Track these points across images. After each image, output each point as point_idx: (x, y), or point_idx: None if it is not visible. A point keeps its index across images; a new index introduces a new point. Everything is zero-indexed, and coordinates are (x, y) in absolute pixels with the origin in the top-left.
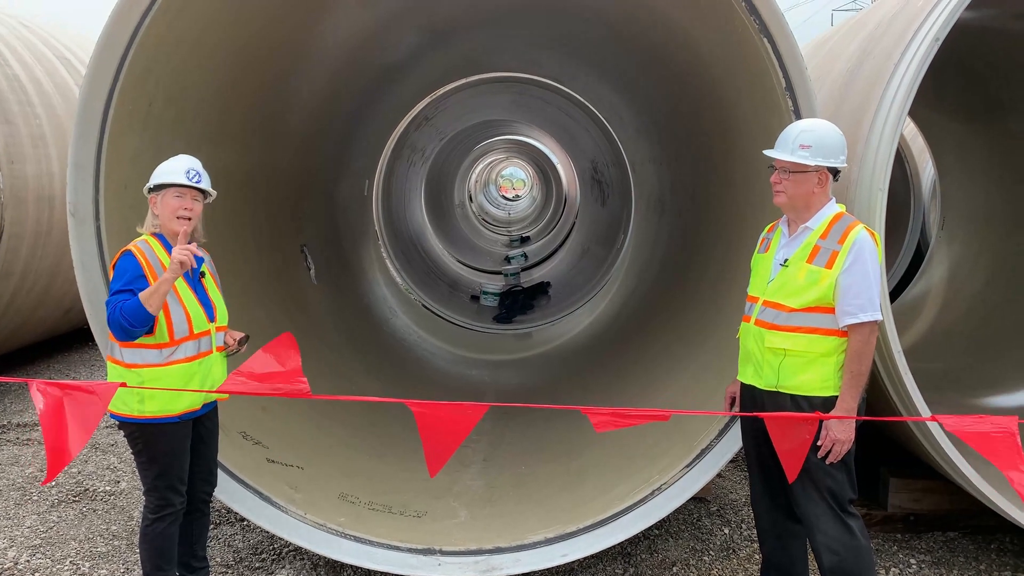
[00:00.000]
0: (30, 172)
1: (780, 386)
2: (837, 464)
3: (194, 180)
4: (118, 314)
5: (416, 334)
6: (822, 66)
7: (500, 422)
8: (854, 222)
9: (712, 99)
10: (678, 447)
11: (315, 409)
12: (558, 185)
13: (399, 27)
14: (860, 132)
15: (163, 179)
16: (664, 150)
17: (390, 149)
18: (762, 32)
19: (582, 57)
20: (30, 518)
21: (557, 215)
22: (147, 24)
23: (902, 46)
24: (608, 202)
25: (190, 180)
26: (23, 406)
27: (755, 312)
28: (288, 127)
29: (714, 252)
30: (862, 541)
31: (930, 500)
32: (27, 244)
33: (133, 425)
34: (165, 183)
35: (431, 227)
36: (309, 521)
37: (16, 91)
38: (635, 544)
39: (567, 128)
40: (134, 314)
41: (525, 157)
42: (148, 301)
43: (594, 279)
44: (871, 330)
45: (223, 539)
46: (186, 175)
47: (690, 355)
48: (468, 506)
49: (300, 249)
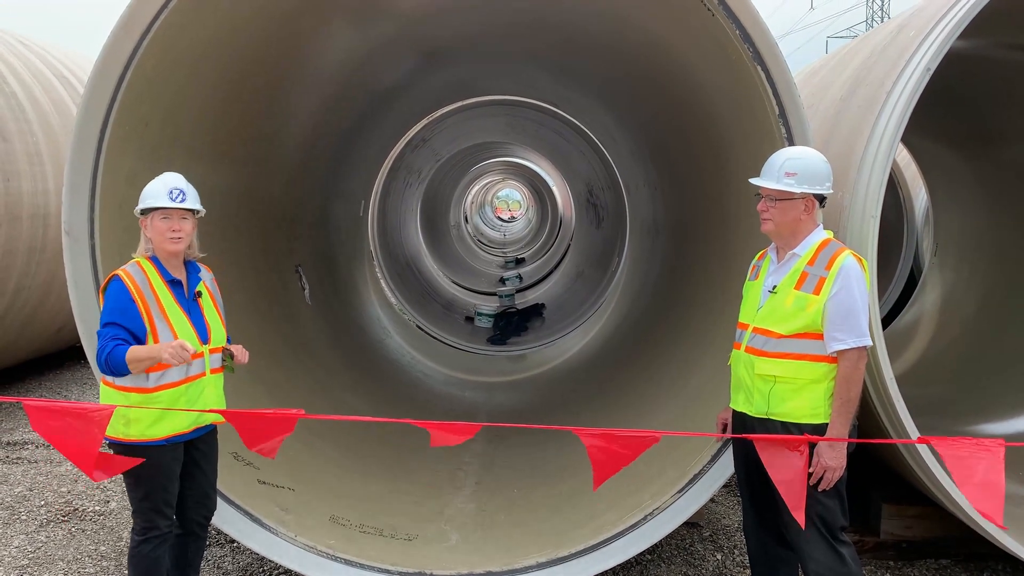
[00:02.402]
0: (25, 189)
1: (770, 413)
2: (829, 491)
3: (178, 200)
4: (104, 357)
5: (410, 355)
6: (815, 94)
7: (492, 444)
8: (841, 248)
9: (705, 124)
10: (670, 472)
11: (307, 430)
12: (553, 207)
13: (394, 51)
14: (852, 160)
15: (148, 203)
16: (658, 174)
17: (386, 170)
18: (755, 60)
19: (576, 80)
20: (18, 538)
21: (552, 237)
22: (144, 46)
23: (894, 75)
24: (603, 225)
25: (174, 201)
26: (14, 424)
27: (745, 339)
28: (283, 148)
29: (706, 277)
30: (854, 569)
31: (923, 527)
32: (21, 261)
33: (120, 446)
34: (150, 207)
35: (426, 248)
36: (299, 543)
37: (13, 108)
38: (627, 569)
39: (562, 150)
40: (117, 366)
41: (521, 179)
42: (131, 362)
43: (588, 301)
44: (859, 356)
45: (213, 561)
46: (169, 196)
47: (683, 380)
48: (459, 529)
49: (295, 269)
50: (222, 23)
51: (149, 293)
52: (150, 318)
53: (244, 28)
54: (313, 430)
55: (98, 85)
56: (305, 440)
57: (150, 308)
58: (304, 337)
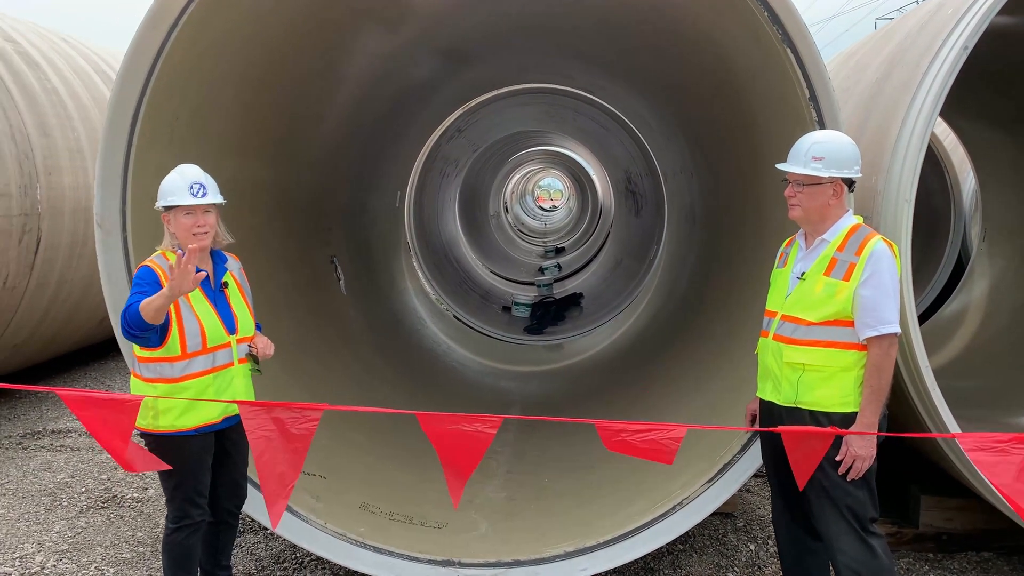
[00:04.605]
0: (67, 184)
1: (799, 402)
2: (858, 482)
3: (199, 195)
4: (124, 316)
5: (445, 344)
6: (851, 76)
7: (524, 434)
8: (871, 233)
9: (738, 109)
10: (700, 462)
11: (340, 419)
12: (593, 195)
13: (425, 43)
14: (887, 143)
15: (169, 200)
16: (694, 160)
17: (422, 161)
18: (785, 42)
19: (610, 67)
20: (59, 523)
21: (592, 226)
22: (172, 40)
23: (930, 55)
24: (642, 213)
25: (195, 197)
26: (59, 413)
27: (773, 327)
28: (315, 141)
29: (742, 266)
30: (884, 561)
31: (963, 519)
32: (63, 255)
33: (150, 437)
34: (172, 204)
35: (464, 238)
36: (329, 531)
37: (54, 104)
38: (658, 559)
39: (599, 138)
40: (134, 318)
41: (561, 167)
42: (144, 309)
43: (626, 291)
44: (890, 343)
45: (246, 548)
46: (190, 191)
47: (716, 369)
48: (489, 518)
49: (330, 260)
50: (247, 17)
51: None
52: (176, 309)
53: (270, 23)
54: (346, 419)
55: (127, 79)
56: (338, 429)
57: (177, 300)
58: (339, 328)
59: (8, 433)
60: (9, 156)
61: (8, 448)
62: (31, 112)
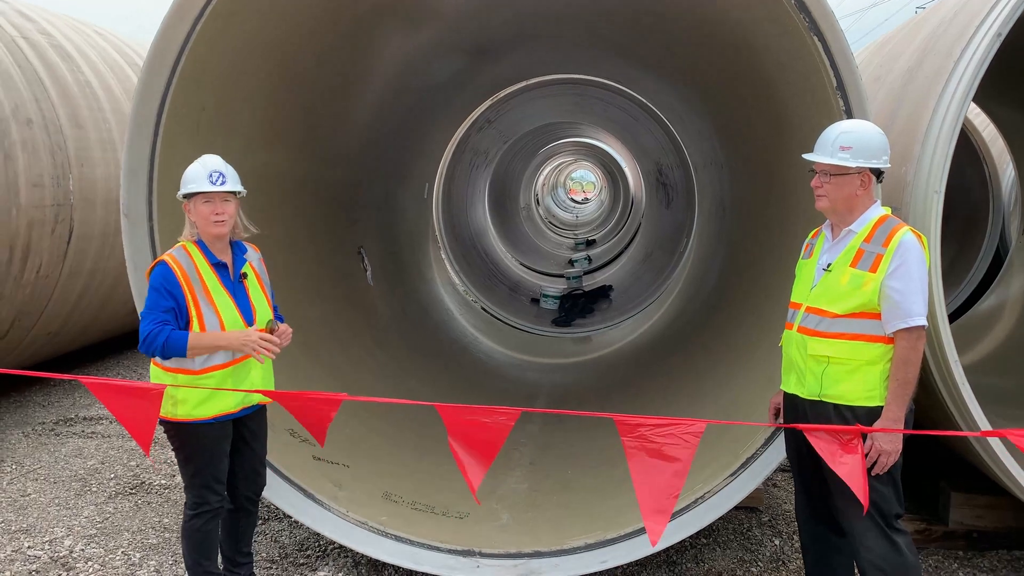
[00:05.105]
0: (99, 175)
1: (823, 395)
2: (883, 477)
3: (219, 183)
4: (160, 342)
5: (472, 336)
6: (884, 65)
7: (549, 426)
8: (899, 224)
9: (766, 99)
10: (724, 456)
11: (364, 409)
12: (625, 187)
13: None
14: (917, 133)
15: (189, 187)
16: (724, 152)
17: (451, 152)
18: (812, 29)
19: (641, 58)
20: (88, 508)
21: (624, 218)
22: (197, 32)
23: (963, 42)
24: (672, 205)
25: (214, 184)
26: (91, 400)
27: (797, 319)
28: (342, 133)
29: (770, 259)
30: (909, 558)
31: (994, 517)
32: (95, 245)
33: (169, 424)
34: (192, 192)
35: (494, 230)
36: (351, 519)
37: (87, 96)
38: (680, 553)
39: (630, 128)
40: (176, 351)
41: (593, 159)
42: (192, 349)
43: (655, 283)
44: (918, 336)
45: (270, 535)
46: (209, 179)
47: (742, 363)
48: (511, 509)
49: (357, 251)
50: (273, 11)
51: (195, 277)
52: (195, 302)
53: (296, 17)
54: (371, 410)
55: (153, 70)
56: (362, 418)
57: (195, 292)
58: (366, 319)
59: (42, 420)
60: (42, 147)
61: (42, 434)
62: (64, 104)
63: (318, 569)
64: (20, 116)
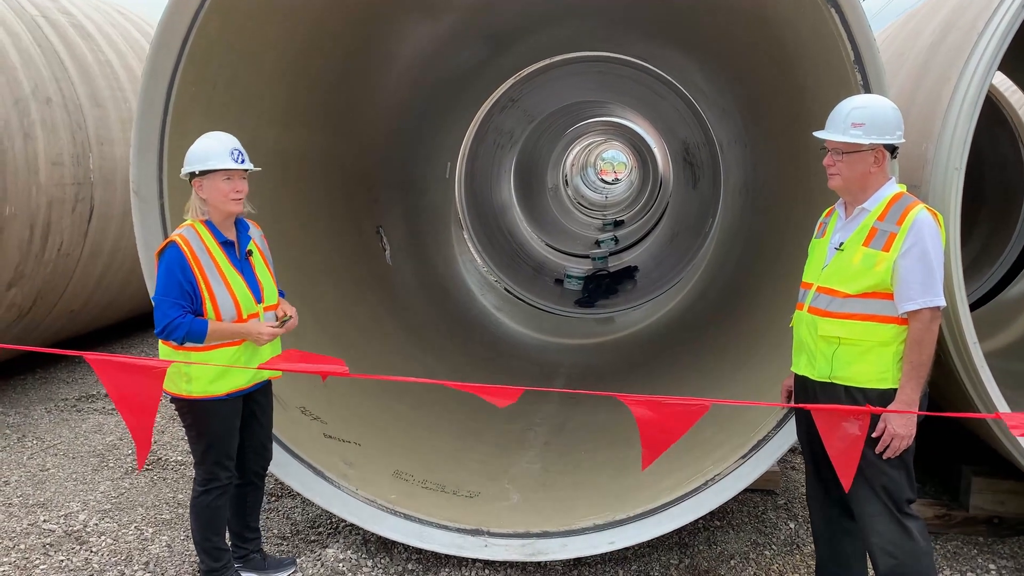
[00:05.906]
0: (119, 154)
1: (834, 377)
2: (894, 461)
3: (239, 161)
4: (181, 335)
5: (494, 316)
6: (907, 40)
7: (566, 406)
8: (914, 202)
9: (789, 75)
10: (735, 438)
11: (376, 385)
12: (654, 168)
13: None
14: (938, 108)
15: (210, 164)
16: (747, 130)
17: (473, 132)
18: (829, 1)
19: (664, 35)
20: (104, 484)
21: (652, 199)
22: (207, 7)
23: (987, 15)
24: (699, 185)
25: (237, 162)
26: None
27: (808, 299)
28: (361, 111)
29: (791, 239)
30: (921, 543)
31: (1016, 503)
32: (115, 224)
33: (182, 402)
34: (213, 168)
35: (519, 210)
36: (360, 497)
37: (107, 76)
38: (693, 535)
39: (656, 106)
40: (196, 338)
41: (623, 139)
42: (212, 335)
43: (680, 264)
44: (932, 317)
45: (282, 511)
46: (231, 157)
47: (758, 346)
48: (521, 489)
49: (376, 230)
50: None
51: (206, 257)
52: (207, 282)
53: None
54: (382, 386)
55: (162, 45)
56: (375, 397)
57: (206, 272)
58: (385, 297)
59: (65, 396)
60: (62, 126)
61: (64, 410)
62: (84, 83)
63: (328, 546)
64: (40, 95)
